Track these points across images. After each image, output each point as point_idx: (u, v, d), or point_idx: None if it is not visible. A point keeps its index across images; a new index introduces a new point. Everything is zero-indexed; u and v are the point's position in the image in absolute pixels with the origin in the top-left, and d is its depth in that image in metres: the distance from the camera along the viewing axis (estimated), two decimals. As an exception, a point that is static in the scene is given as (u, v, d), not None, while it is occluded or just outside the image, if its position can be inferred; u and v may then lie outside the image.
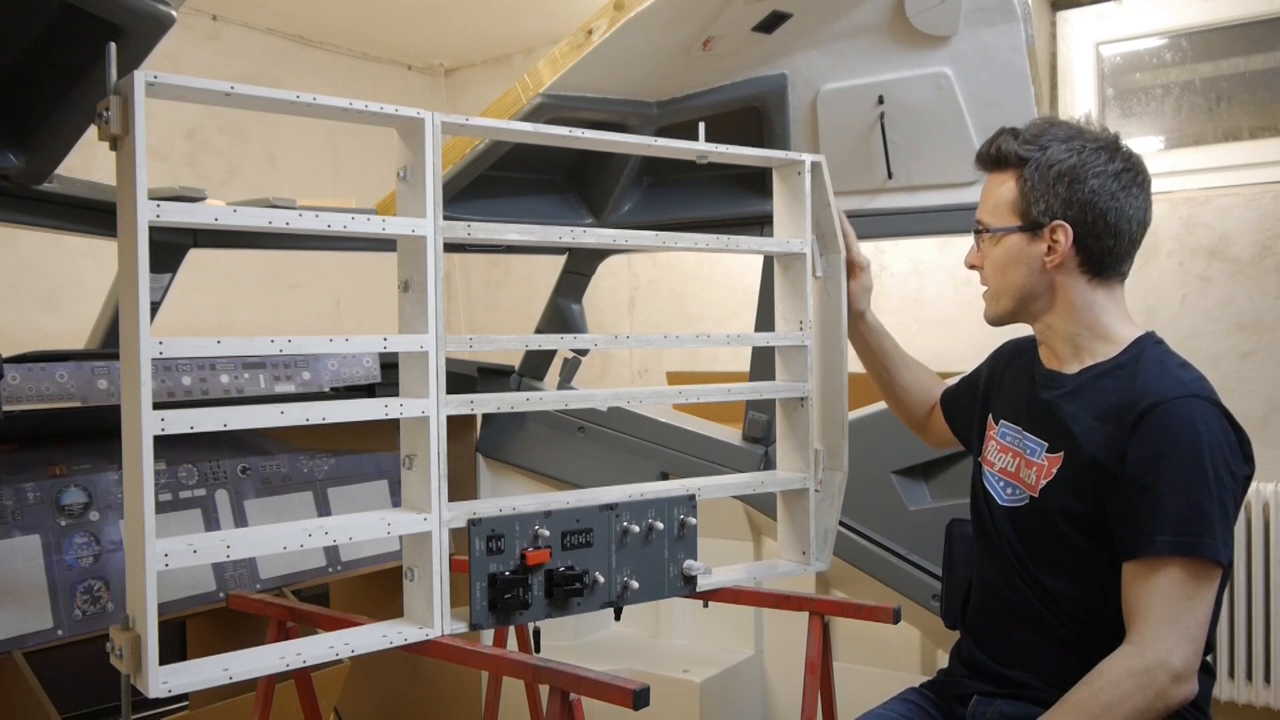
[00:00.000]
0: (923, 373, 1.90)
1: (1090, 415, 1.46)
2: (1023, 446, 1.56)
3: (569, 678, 1.40)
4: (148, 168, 1.28)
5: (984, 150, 1.56)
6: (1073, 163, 1.47)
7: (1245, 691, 2.90)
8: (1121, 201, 1.47)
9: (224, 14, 4.32)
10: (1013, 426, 1.59)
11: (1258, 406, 3.02)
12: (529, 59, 4.90)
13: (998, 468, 1.60)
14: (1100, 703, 1.31)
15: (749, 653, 2.82)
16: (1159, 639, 1.32)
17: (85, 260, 3.76)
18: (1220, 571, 1.35)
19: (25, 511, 1.94)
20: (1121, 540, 1.39)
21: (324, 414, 1.46)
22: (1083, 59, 3.44)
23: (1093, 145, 1.48)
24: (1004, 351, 1.74)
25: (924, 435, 1.92)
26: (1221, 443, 1.37)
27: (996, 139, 1.54)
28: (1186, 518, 1.33)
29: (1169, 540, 1.33)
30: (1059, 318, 1.53)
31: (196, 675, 1.36)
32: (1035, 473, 1.51)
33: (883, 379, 1.91)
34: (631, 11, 2.15)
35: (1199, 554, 1.32)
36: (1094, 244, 1.48)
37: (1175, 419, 1.37)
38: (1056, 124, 1.53)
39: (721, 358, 4.07)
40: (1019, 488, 1.54)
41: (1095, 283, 1.51)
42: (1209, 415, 1.38)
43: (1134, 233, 1.50)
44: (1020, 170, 1.50)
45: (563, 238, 1.75)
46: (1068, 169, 1.47)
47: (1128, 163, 1.49)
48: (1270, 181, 3.14)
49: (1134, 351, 1.48)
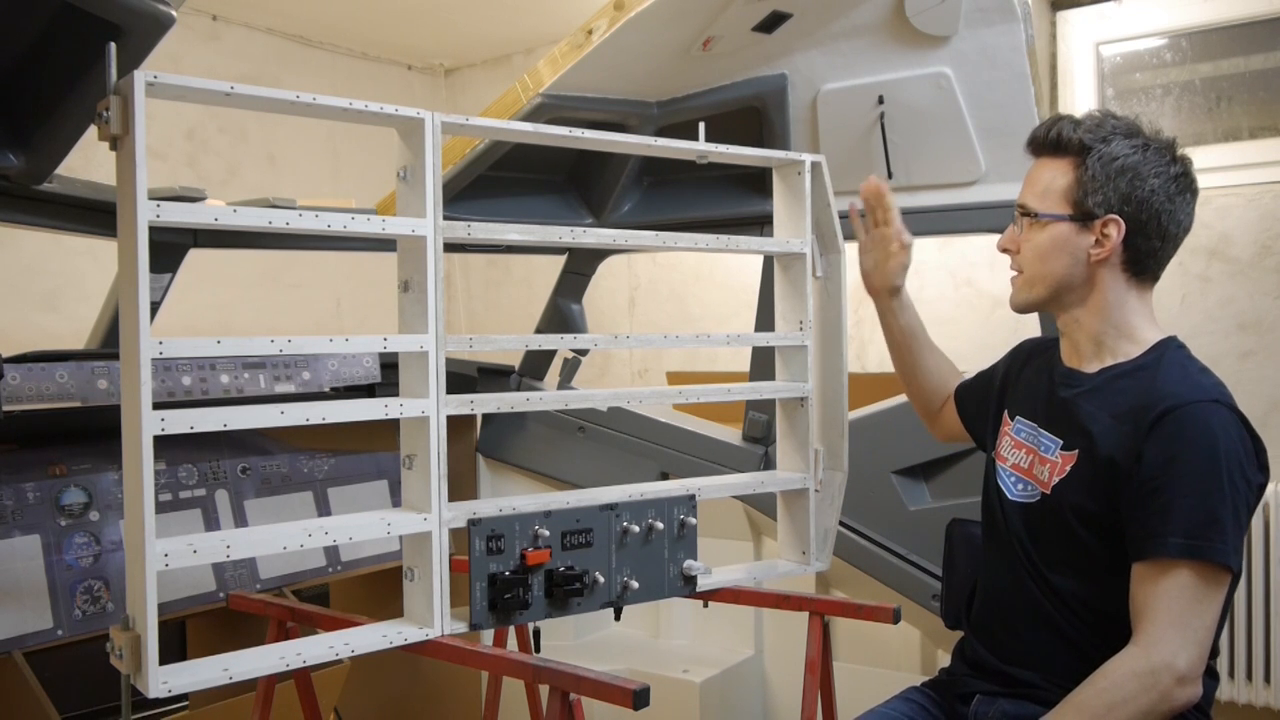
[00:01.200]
0: (945, 362, 1.88)
1: (1108, 415, 1.45)
2: (1037, 443, 1.55)
3: (569, 678, 1.40)
4: (148, 168, 1.28)
5: (1040, 134, 1.53)
6: (1136, 160, 1.46)
7: (1245, 691, 2.90)
8: (1176, 205, 1.47)
9: (224, 14, 4.32)
10: (1028, 423, 1.59)
11: (1258, 406, 3.02)
12: (529, 59, 4.90)
13: (1011, 463, 1.60)
14: (1104, 703, 1.31)
15: (749, 653, 2.82)
16: (1165, 641, 1.32)
17: (85, 260, 3.76)
18: (1230, 577, 1.35)
19: (25, 511, 1.94)
20: (1132, 540, 1.39)
21: (324, 414, 1.46)
22: (1083, 59, 3.44)
23: (1155, 145, 1.48)
24: (1023, 349, 1.73)
25: (933, 426, 1.90)
26: (1238, 449, 1.37)
27: (1056, 124, 1.51)
28: (1199, 521, 1.33)
29: (1180, 543, 1.33)
30: (1089, 313, 1.52)
31: (196, 675, 1.36)
32: (1049, 469, 1.51)
33: (905, 361, 1.87)
34: (631, 11, 2.15)
35: (1209, 558, 1.32)
36: (1142, 243, 1.47)
37: (1193, 422, 1.37)
38: (1117, 118, 1.51)
39: (721, 358, 4.07)
40: (1031, 484, 1.54)
41: (1132, 282, 1.50)
42: (1227, 421, 1.38)
43: (1178, 238, 1.50)
44: (1080, 159, 1.48)
45: (563, 238, 1.75)
46: (1130, 165, 1.46)
47: (1185, 168, 1.49)
48: (1270, 181, 3.14)
49: (1155, 354, 1.48)
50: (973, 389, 1.81)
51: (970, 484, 2.19)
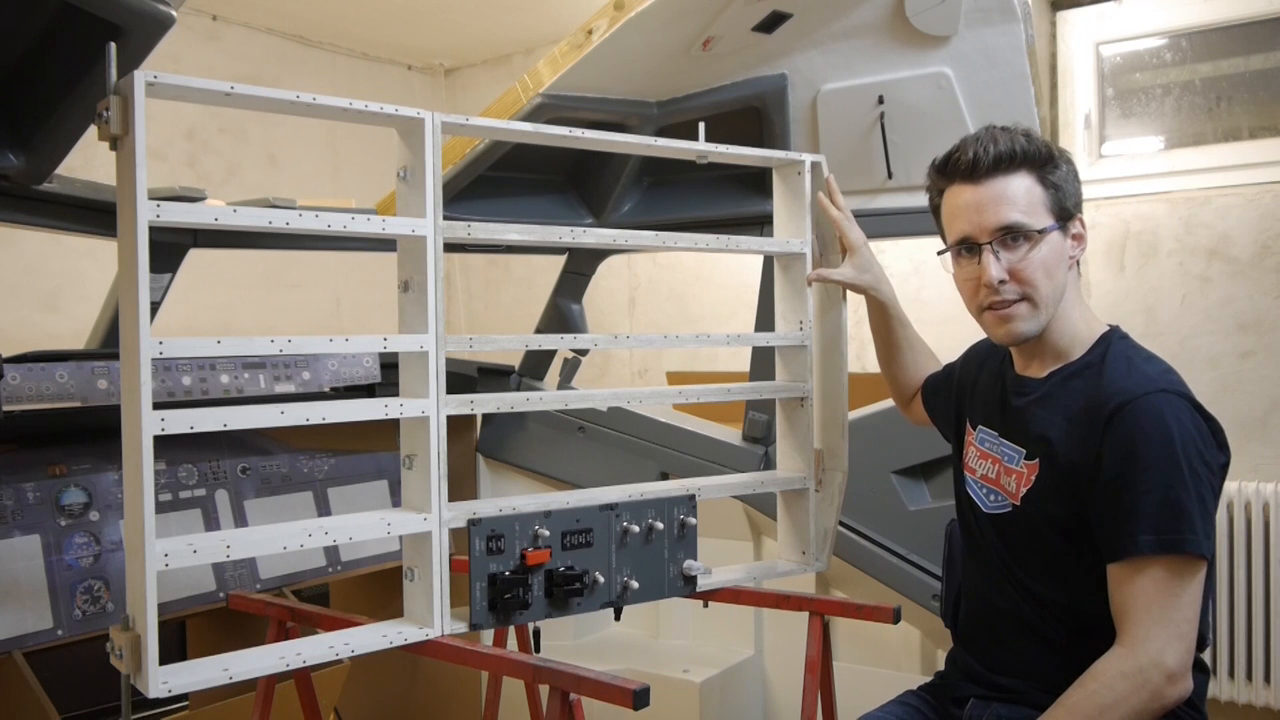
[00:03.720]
0: (923, 357, 1.90)
1: (1062, 419, 1.45)
2: (1001, 453, 1.55)
3: (569, 678, 1.40)
4: (148, 168, 1.28)
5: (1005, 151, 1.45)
6: (1067, 155, 1.50)
7: (1245, 691, 2.90)
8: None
9: (224, 14, 4.32)
10: (990, 432, 1.59)
11: (1258, 406, 3.02)
12: (529, 59, 4.90)
13: (979, 474, 1.60)
14: (1095, 705, 1.31)
15: (749, 653, 2.82)
16: (1150, 639, 1.32)
17: (85, 260, 3.76)
18: (1204, 565, 1.35)
19: (25, 511, 1.94)
20: (1104, 542, 1.39)
21: (324, 414, 1.46)
22: (1083, 59, 3.44)
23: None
24: (977, 351, 1.73)
25: (906, 412, 1.94)
26: (1193, 435, 1.36)
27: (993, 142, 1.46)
28: (1166, 515, 1.33)
29: (1150, 539, 1.33)
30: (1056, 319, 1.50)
31: (196, 675, 1.36)
32: (1015, 480, 1.51)
33: (881, 351, 1.92)
34: (631, 11, 2.15)
35: (1181, 550, 1.32)
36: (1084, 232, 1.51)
37: (1145, 415, 1.36)
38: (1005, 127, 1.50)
39: (721, 358, 4.07)
40: (1001, 495, 1.54)
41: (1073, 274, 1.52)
42: (1178, 408, 1.37)
43: None
44: (1042, 166, 1.47)
45: (563, 238, 1.75)
46: (1069, 159, 1.49)
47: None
48: (1270, 181, 3.14)
49: (1100, 349, 1.48)
50: (937, 387, 1.82)
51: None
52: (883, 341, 1.90)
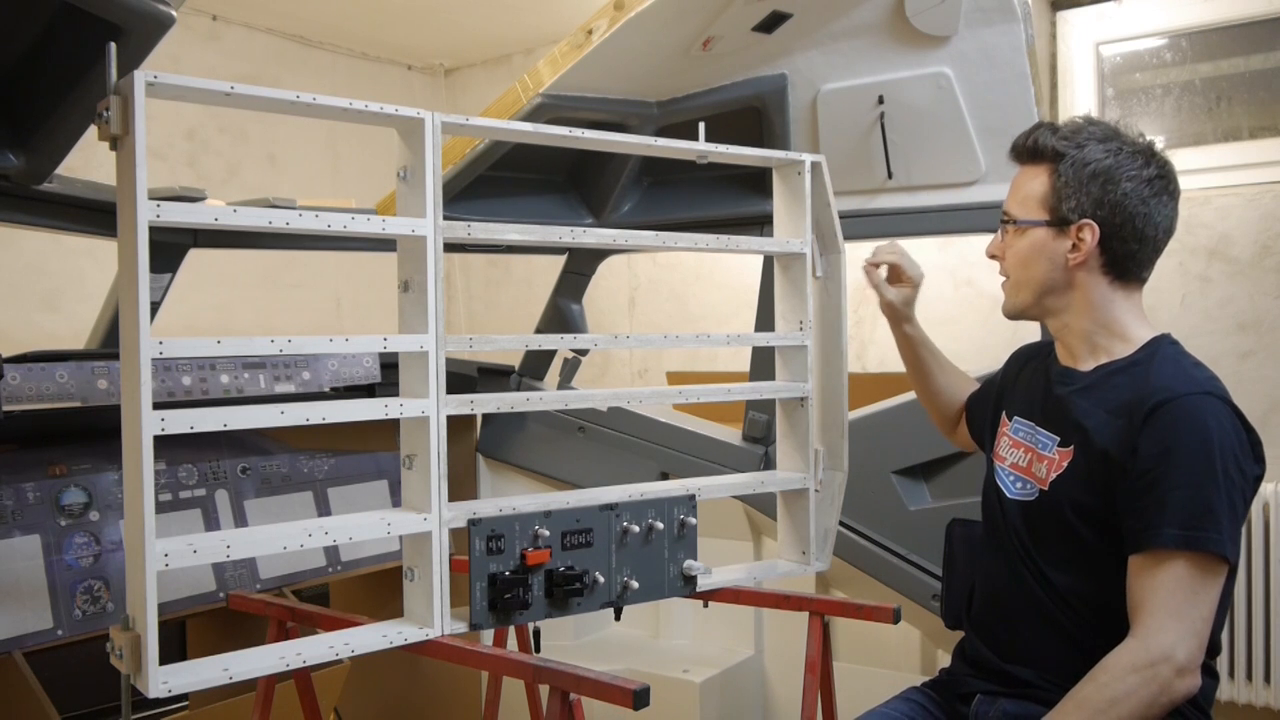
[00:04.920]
0: (957, 377, 1.90)
1: (1103, 410, 1.46)
2: (1035, 441, 1.56)
3: (569, 678, 1.40)
4: (148, 168, 1.28)
5: (1020, 142, 1.56)
6: (1109, 164, 1.47)
7: (1245, 691, 2.89)
8: (1151, 208, 1.48)
9: (224, 14, 4.32)
10: (1025, 422, 1.60)
11: (1258, 406, 3.02)
12: (529, 59, 4.90)
13: (1009, 463, 1.61)
14: (1105, 698, 1.31)
15: (749, 653, 2.82)
16: (1163, 632, 1.32)
17: (85, 260, 3.76)
18: (1226, 568, 1.35)
19: (25, 511, 1.94)
20: (1128, 533, 1.39)
21: (324, 414, 1.46)
22: (1083, 59, 3.44)
23: (1129, 149, 1.49)
24: (1020, 354, 1.75)
25: (953, 438, 1.93)
26: (1232, 441, 1.37)
27: (1034, 132, 1.54)
28: (1194, 512, 1.33)
29: (1176, 534, 1.33)
30: (1076, 315, 1.53)
31: (196, 675, 1.36)
32: (1046, 466, 1.52)
33: (916, 384, 1.92)
34: (631, 11, 2.15)
35: (1205, 548, 1.33)
36: (1119, 247, 1.48)
37: (1186, 415, 1.38)
38: (1095, 123, 1.52)
39: (721, 358, 4.07)
40: (1030, 481, 1.55)
41: (1116, 285, 1.51)
42: (1220, 413, 1.39)
43: (1159, 240, 1.51)
44: (1055, 165, 1.50)
45: (563, 238, 1.75)
46: (1103, 169, 1.47)
47: (1161, 170, 1.50)
48: (1270, 181, 3.14)
49: (1149, 350, 1.49)
50: (980, 399, 1.83)
51: (970, 484, 2.19)
52: (915, 371, 1.89)
